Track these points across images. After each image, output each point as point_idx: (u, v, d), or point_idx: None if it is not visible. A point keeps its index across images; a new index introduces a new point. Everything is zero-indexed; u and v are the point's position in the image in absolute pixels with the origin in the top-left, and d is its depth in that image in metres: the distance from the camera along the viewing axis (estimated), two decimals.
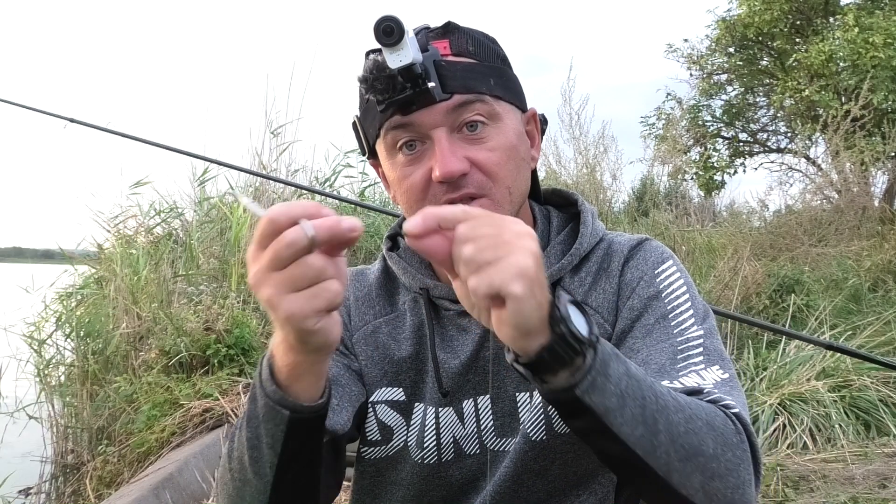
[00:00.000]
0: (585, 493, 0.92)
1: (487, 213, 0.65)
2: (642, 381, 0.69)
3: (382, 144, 0.90)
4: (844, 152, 7.75)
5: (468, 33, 0.89)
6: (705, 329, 0.88)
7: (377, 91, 0.83)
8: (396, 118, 0.85)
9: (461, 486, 0.94)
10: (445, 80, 0.84)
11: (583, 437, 0.73)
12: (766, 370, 3.90)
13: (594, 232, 0.96)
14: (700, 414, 0.73)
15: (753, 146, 14.23)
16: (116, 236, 5.27)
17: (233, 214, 5.04)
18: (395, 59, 0.79)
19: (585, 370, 0.65)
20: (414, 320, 0.97)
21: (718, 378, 0.83)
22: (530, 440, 0.90)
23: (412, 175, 0.87)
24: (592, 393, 0.66)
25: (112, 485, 3.52)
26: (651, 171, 7.48)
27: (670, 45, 13.81)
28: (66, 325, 4.77)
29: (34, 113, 2.99)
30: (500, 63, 0.91)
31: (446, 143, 0.84)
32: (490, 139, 0.87)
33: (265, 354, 0.73)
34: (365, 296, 1.02)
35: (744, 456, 0.75)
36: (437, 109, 0.84)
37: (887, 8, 11.20)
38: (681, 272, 0.93)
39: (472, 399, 0.93)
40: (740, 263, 5.05)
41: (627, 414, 0.67)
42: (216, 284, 4.74)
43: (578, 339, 0.64)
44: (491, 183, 0.86)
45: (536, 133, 0.96)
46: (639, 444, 0.68)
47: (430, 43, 0.86)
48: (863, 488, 2.92)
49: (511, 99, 0.90)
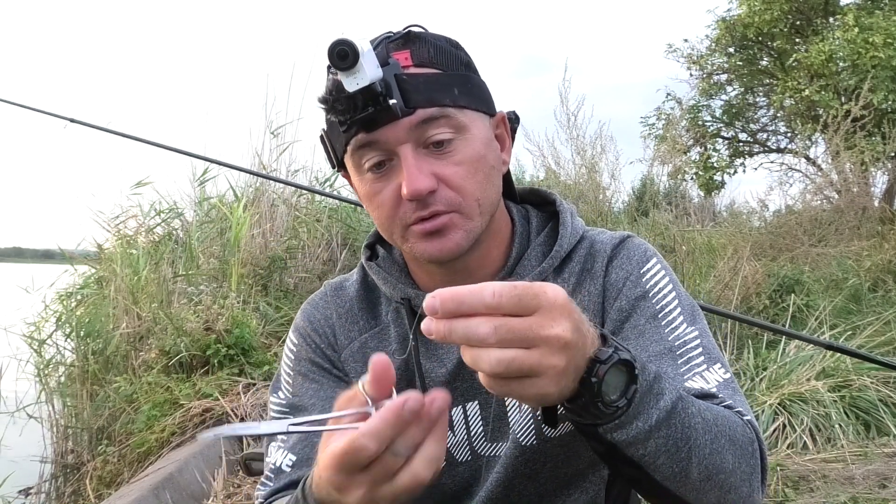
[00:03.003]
0: (576, 493, 0.92)
1: (512, 291, 0.58)
2: (674, 408, 0.67)
3: (350, 161, 0.89)
4: (844, 152, 7.74)
5: (430, 41, 0.87)
6: (699, 328, 0.88)
7: (338, 112, 0.82)
8: (361, 136, 0.84)
9: (453, 493, 0.94)
10: (408, 94, 0.82)
11: (601, 458, 0.72)
12: (766, 370, 3.89)
13: (574, 231, 0.95)
14: (725, 430, 0.72)
15: (753, 146, 14.23)
16: (117, 236, 5.27)
17: (233, 214, 5.04)
18: (351, 83, 0.78)
19: (611, 419, 0.64)
20: (398, 331, 0.96)
21: (721, 378, 0.83)
22: (521, 445, 0.90)
23: (382, 192, 0.87)
24: (615, 431, 0.65)
25: (112, 485, 3.52)
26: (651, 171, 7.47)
27: (670, 45, 13.83)
28: (66, 325, 4.76)
29: (34, 113, 2.99)
30: (465, 69, 0.89)
31: (412, 160, 0.83)
32: (457, 152, 0.85)
33: (309, 486, 0.67)
34: (347, 312, 1.00)
35: (756, 465, 0.75)
36: (400, 125, 0.83)
37: (887, 8, 11.20)
38: (665, 270, 0.93)
39: (460, 406, 0.93)
40: (740, 263, 5.05)
41: (651, 445, 0.66)
42: (216, 284, 4.74)
43: (603, 411, 0.63)
44: (460, 198, 0.85)
45: (507, 135, 0.95)
46: (659, 471, 0.68)
47: (391, 55, 0.84)
48: (863, 488, 2.92)
49: (477, 106, 0.88)
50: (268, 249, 5.14)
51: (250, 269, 4.87)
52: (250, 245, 5.02)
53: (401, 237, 0.89)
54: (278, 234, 5.35)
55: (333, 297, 1.02)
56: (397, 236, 0.89)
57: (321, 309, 1.02)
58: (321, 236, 5.56)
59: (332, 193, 5.36)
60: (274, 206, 5.49)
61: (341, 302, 1.01)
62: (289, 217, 5.52)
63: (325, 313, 1.01)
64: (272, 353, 4.09)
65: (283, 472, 0.92)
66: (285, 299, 4.91)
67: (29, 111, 2.99)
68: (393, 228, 0.89)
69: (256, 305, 4.58)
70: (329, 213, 5.73)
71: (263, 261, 5.03)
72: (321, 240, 5.55)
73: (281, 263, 5.13)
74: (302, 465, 0.91)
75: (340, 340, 0.99)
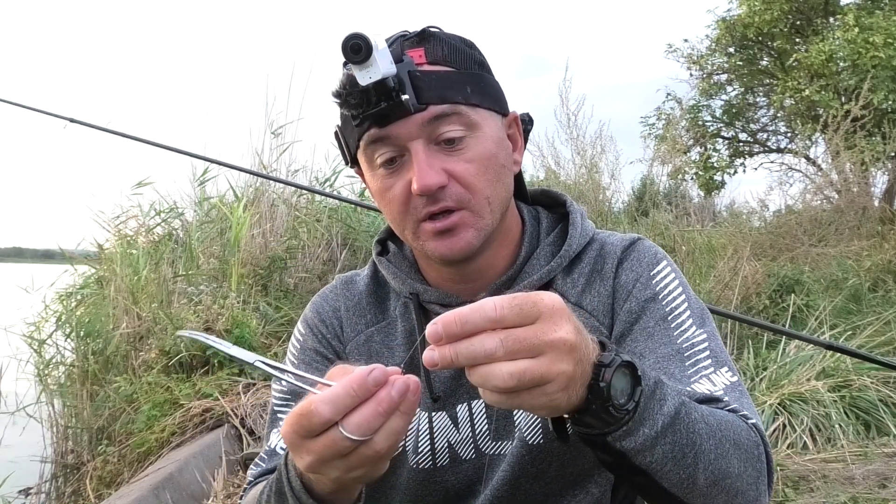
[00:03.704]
0: (582, 493, 0.92)
1: (510, 304, 0.58)
2: (678, 414, 0.68)
3: (363, 156, 0.90)
4: (844, 152, 7.75)
5: (444, 40, 0.88)
6: (708, 331, 0.88)
7: (351, 106, 0.83)
8: (373, 131, 0.85)
9: (458, 490, 0.94)
10: (420, 91, 0.82)
11: (608, 469, 0.73)
12: (766, 370, 3.89)
13: (584, 232, 0.96)
14: (729, 434, 0.72)
15: (753, 146, 14.23)
16: (117, 236, 5.27)
17: (233, 214, 5.04)
18: (364, 76, 0.79)
19: (621, 423, 0.64)
20: (405, 326, 0.97)
21: (728, 381, 0.83)
22: (527, 444, 0.90)
23: (393, 187, 0.87)
24: (624, 439, 0.65)
25: (112, 485, 3.52)
26: (651, 171, 7.47)
27: (670, 45, 13.83)
28: (66, 325, 4.77)
29: (34, 113, 3.00)
30: (478, 69, 0.90)
31: (423, 155, 0.84)
32: (468, 150, 0.86)
33: (289, 463, 0.71)
34: (355, 305, 1.01)
35: (762, 468, 0.76)
36: (413, 121, 0.83)
37: (887, 8, 11.20)
38: (675, 273, 0.93)
39: (465, 403, 0.93)
40: (740, 263, 5.05)
41: (658, 452, 0.67)
42: (216, 284, 4.74)
43: (614, 415, 0.63)
44: (469, 195, 0.86)
45: (519, 136, 0.96)
46: (666, 478, 0.68)
47: (405, 52, 0.85)
48: (863, 488, 2.92)
49: (489, 105, 0.89)
50: (268, 249, 5.14)
51: (250, 269, 4.87)
52: (250, 245, 5.02)
53: (412, 234, 0.89)
54: (278, 234, 5.35)
55: (343, 290, 1.03)
56: (409, 232, 0.90)
57: (330, 301, 1.03)
58: (321, 236, 5.57)
59: (332, 193, 5.37)
60: (274, 206, 5.49)
61: (350, 295, 1.02)
62: (289, 217, 5.52)
63: (334, 305, 1.02)
64: (272, 353, 4.09)
65: (276, 455, 0.95)
66: (285, 299, 4.91)
67: (29, 111, 3.00)
68: (405, 224, 0.89)
69: (256, 305, 4.58)
70: (329, 213, 5.73)
71: (263, 261, 5.03)
72: (321, 240, 5.55)
73: (281, 263, 5.13)
74: None
75: (347, 332, 1.00)
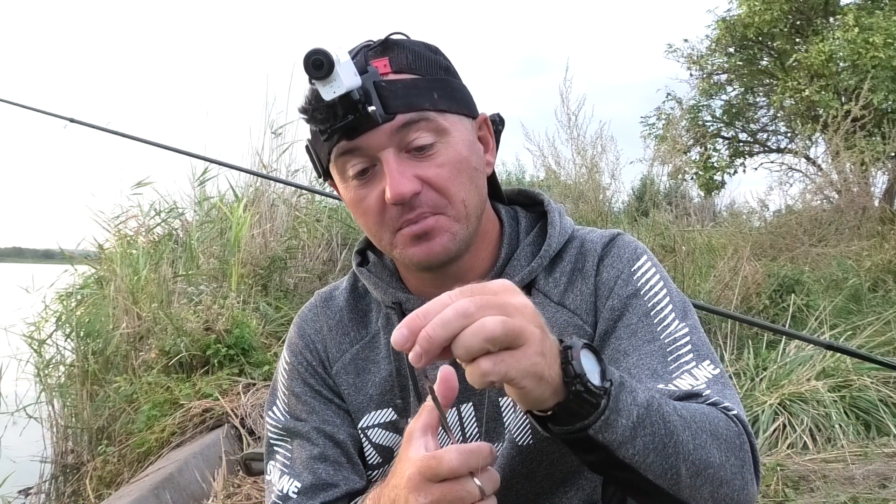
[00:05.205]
0: (572, 490, 0.92)
1: (461, 294, 0.60)
2: (650, 405, 0.69)
3: (334, 168, 0.90)
4: (844, 152, 7.75)
5: (408, 48, 0.88)
6: (689, 325, 0.88)
7: (318, 121, 0.84)
8: (343, 143, 0.85)
9: None
10: (387, 101, 0.83)
11: (594, 470, 0.73)
12: (766, 370, 3.89)
13: (563, 230, 0.96)
14: (704, 425, 0.73)
15: (753, 146, 14.23)
16: (117, 236, 5.26)
17: (233, 214, 5.04)
18: (328, 91, 0.79)
19: (599, 413, 0.65)
20: (389, 337, 0.97)
21: (710, 375, 0.84)
22: (517, 445, 0.90)
23: (367, 198, 0.87)
24: (605, 431, 0.66)
25: (112, 485, 3.52)
26: (651, 171, 7.46)
27: (670, 45, 13.84)
28: (66, 325, 4.77)
29: (34, 113, 3.00)
30: (444, 74, 0.90)
31: (395, 164, 0.84)
32: (439, 155, 0.86)
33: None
34: (337, 324, 1.01)
35: (746, 457, 0.76)
36: (381, 131, 0.83)
37: (887, 8, 11.21)
38: (656, 267, 0.93)
39: (454, 408, 0.94)
40: (740, 263, 5.05)
41: (639, 444, 0.68)
42: (216, 284, 4.74)
43: (594, 392, 0.64)
44: (445, 200, 0.86)
45: (490, 137, 0.96)
46: (650, 470, 0.69)
47: (370, 63, 0.85)
48: (863, 488, 2.92)
49: (457, 109, 0.89)
50: (268, 249, 5.14)
51: (250, 269, 4.87)
52: (250, 245, 5.02)
53: (389, 243, 0.90)
54: (278, 234, 5.35)
55: (323, 309, 1.03)
56: (385, 242, 0.90)
57: (311, 323, 1.03)
58: (321, 236, 5.57)
59: (332, 193, 5.34)
60: (274, 206, 5.49)
61: (331, 313, 1.02)
62: (289, 217, 5.52)
63: (316, 327, 1.02)
64: (272, 352, 4.09)
65: (290, 499, 0.94)
66: (285, 299, 4.91)
67: (29, 111, 3.00)
68: (381, 234, 0.89)
69: (256, 305, 4.58)
70: (329, 213, 5.74)
71: (263, 261, 5.03)
72: (321, 240, 5.55)
73: (281, 263, 5.13)
74: (307, 492, 0.93)
75: (332, 353, 1.00)
